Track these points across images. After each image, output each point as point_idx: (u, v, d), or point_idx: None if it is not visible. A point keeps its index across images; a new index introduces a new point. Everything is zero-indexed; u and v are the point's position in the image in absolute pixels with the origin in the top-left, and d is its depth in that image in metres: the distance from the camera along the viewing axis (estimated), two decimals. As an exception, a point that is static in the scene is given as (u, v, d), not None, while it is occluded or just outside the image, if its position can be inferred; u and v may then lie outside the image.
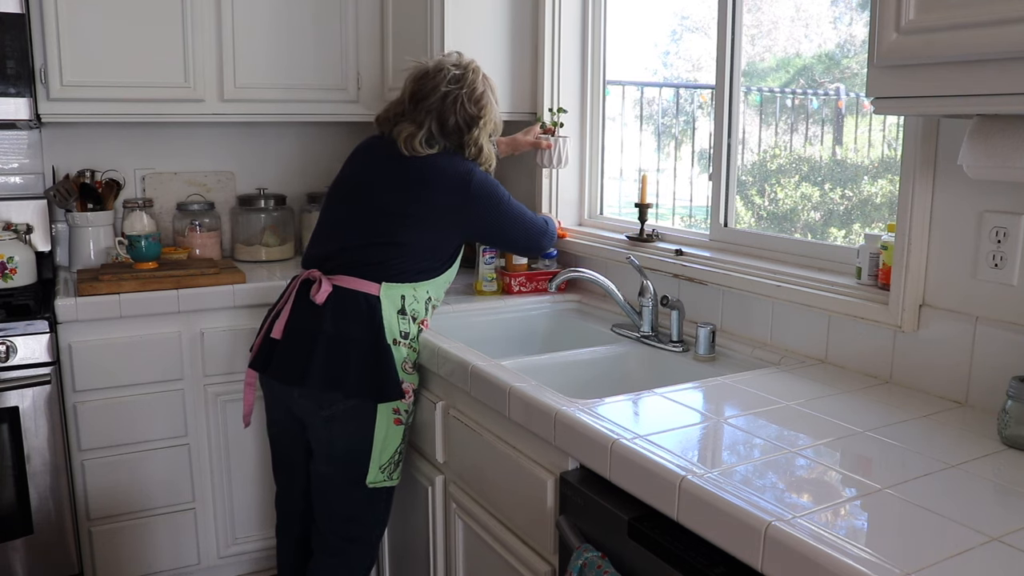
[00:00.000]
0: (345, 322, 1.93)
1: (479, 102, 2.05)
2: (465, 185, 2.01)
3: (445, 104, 2.03)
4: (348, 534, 2.04)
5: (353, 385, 1.91)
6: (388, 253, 1.97)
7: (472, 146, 2.07)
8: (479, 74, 2.08)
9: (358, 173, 2.12)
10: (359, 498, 2.00)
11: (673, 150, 3.26)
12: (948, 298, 1.57)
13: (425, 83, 2.05)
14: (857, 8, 2.17)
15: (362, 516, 2.03)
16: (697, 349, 1.96)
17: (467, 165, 2.05)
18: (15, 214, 2.70)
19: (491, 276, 2.52)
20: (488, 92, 2.09)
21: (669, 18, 2.83)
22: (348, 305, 1.93)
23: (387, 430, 1.97)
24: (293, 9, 2.78)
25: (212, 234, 2.94)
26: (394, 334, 1.95)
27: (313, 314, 1.94)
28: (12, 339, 2.23)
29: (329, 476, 2.01)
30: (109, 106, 2.58)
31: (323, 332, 1.92)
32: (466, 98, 2.03)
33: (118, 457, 2.45)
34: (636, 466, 1.28)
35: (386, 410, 1.95)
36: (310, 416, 1.98)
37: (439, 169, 2.03)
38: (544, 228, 2.20)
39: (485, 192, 2.04)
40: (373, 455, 1.97)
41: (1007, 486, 1.20)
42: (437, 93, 2.03)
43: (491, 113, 2.09)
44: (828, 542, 1.00)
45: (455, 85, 2.04)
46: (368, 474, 1.98)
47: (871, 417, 1.45)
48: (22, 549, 2.32)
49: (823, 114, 2.58)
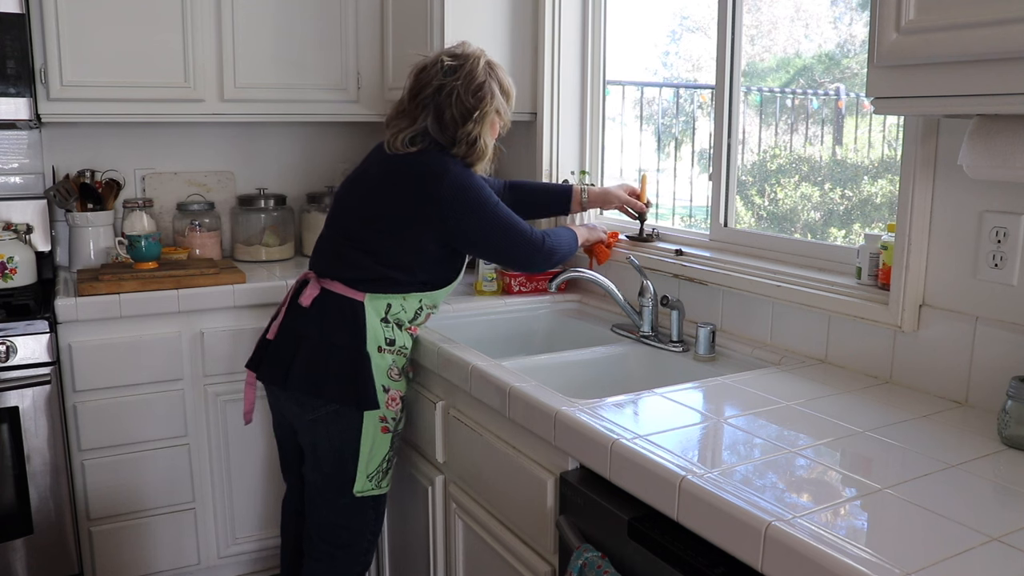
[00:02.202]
0: (330, 327, 1.90)
1: (477, 93, 1.92)
2: (436, 184, 1.88)
3: (440, 98, 1.92)
4: (336, 540, 2.01)
5: (332, 390, 1.89)
6: (366, 261, 1.92)
7: (463, 141, 1.93)
8: (479, 62, 1.94)
9: (354, 173, 2.07)
10: (345, 505, 1.97)
11: (673, 150, 3.26)
12: (948, 298, 1.57)
13: (422, 77, 1.95)
14: (857, 8, 2.17)
15: (350, 523, 2.00)
16: (697, 349, 1.96)
17: (444, 163, 1.91)
18: (15, 214, 2.70)
19: (491, 276, 2.52)
20: (490, 82, 1.95)
21: (669, 18, 2.83)
22: (333, 310, 1.91)
23: (374, 438, 1.94)
24: (293, 9, 2.78)
25: (212, 234, 2.94)
26: (378, 341, 1.91)
27: (302, 317, 1.94)
28: (12, 339, 2.23)
29: (316, 482, 1.99)
30: (109, 106, 2.58)
31: (308, 336, 1.91)
32: (462, 90, 1.91)
33: (118, 457, 2.45)
34: (636, 466, 1.28)
35: (372, 418, 1.92)
36: (297, 419, 1.98)
37: (410, 168, 1.92)
38: (538, 244, 1.99)
39: (460, 193, 1.89)
40: (360, 463, 1.94)
41: (1007, 486, 1.20)
42: (431, 87, 1.93)
43: (491, 105, 1.95)
44: (828, 542, 0.99)
45: (451, 77, 1.92)
46: (355, 482, 1.95)
47: (871, 417, 1.45)
48: (22, 549, 2.31)
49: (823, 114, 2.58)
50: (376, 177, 1.97)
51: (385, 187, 1.94)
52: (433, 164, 1.92)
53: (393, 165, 1.95)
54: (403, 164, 1.94)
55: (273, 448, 2.64)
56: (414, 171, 1.92)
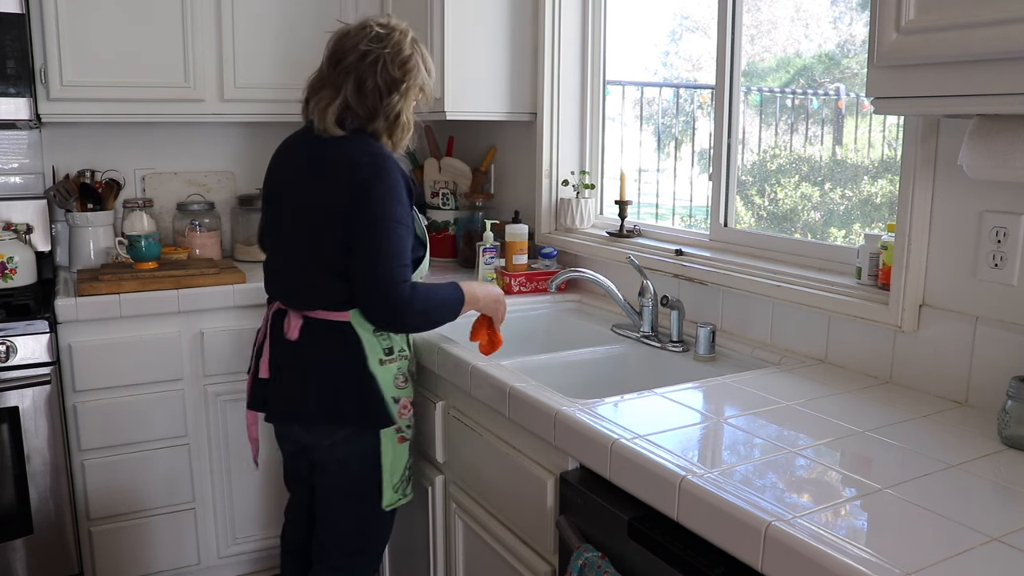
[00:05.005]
0: (326, 354, 1.83)
1: (404, 65, 1.82)
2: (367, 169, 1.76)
3: (364, 64, 1.79)
4: (351, 548, 1.98)
5: (346, 416, 1.84)
6: (339, 283, 1.80)
7: (388, 114, 1.82)
8: (407, 36, 1.85)
9: (276, 183, 1.93)
10: (366, 515, 1.94)
11: (673, 150, 3.26)
12: (948, 298, 1.57)
13: (344, 42, 1.83)
14: (857, 8, 2.17)
15: (368, 531, 1.97)
16: (697, 349, 1.96)
17: (374, 148, 1.81)
18: (15, 214, 2.70)
19: (491, 276, 2.52)
20: (417, 57, 1.85)
21: (669, 18, 2.83)
22: (324, 336, 1.83)
23: (394, 451, 1.90)
24: (293, 9, 2.78)
25: (212, 234, 2.94)
26: (378, 355, 1.85)
27: (293, 349, 1.86)
28: (12, 339, 2.23)
29: (336, 493, 1.94)
30: (109, 106, 2.58)
31: (306, 368, 1.84)
32: (389, 59, 1.80)
33: (118, 457, 2.45)
34: (636, 466, 1.28)
35: (389, 432, 1.89)
36: (313, 445, 1.93)
37: (342, 159, 1.79)
38: (407, 293, 1.75)
39: (380, 180, 1.75)
40: (384, 479, 1.89)
41: (1007, 486, 1.20)
42: (356, 52, 1.80)
43: (417, 79, 1.85)
44: (828, 542, 1.00)
45: (377, 44, 1.80)
46: (383, 498, 1.91)
47: (871, 417, 1.45)
48: (22, 549, 2.32)
49: (823, 114, 2.58)
50: (313, 179, 1.83)
51: (320, 180, 1.82)
52: (362, 151, 1.80)
53: (328, 157, 1.82)
54: (335, 155, 1.82)
55: (273, 449, 2.64)
56: (350, 160, 1.79)
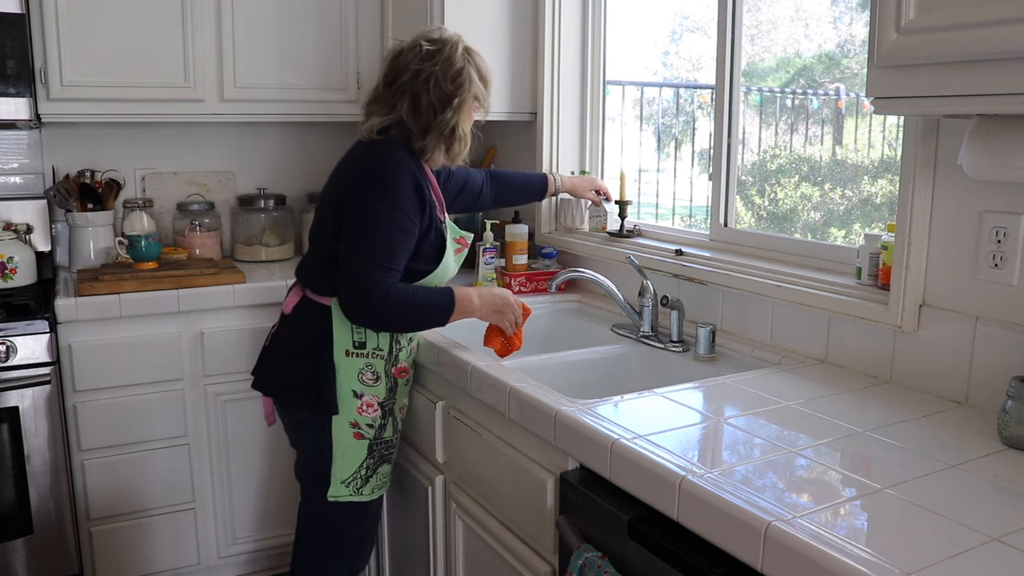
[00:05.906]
0: (298, 333, 1.94)
1: (456, 79, 1.84)
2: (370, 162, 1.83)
3: (417, 82, 1.83)
4: (318, 540, 2.01)
5: (298, 396, 1.92)
6: (327, 266, 1.87)
7: (442, 130, 1.85)
8: (458, 48, 1.86)
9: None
10: (324, 508, 1.96)
11: (673, 150, 3.26)
12: (948, 298, 1.57)
13: (398, 61, 1.88)
14: (857, 8, 2.17)
15: (332, 526, 1.99)
16: (697, 349, 1.95)
17: (388, 151, 1.85)
18: (15, 214, 2.70)
19: (491, 276, 2.52)
20: (468, 68, 1.87)
21: (669, 18, 2.83)
22: (306, 316, 1.93)
23: (346, 444, 1.91)
24: (293, 9, 2.78)
25: (212, 234, 2.94)
26: (345, 345, 1.87)
27: (282, 324, 2.00)
28: (12, 339, 2.23)
29: (301, 481, 2.04)
30: (109, 106, 2.58)
31: (283, 341, 1.97)
32: (440, 75, 1.83)
33: (118, 457, 2.45)
34: (636, 466, 1.28)
35: (341, 423, 1.90)
36: (283, 422, 2.04)
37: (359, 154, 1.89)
38: (381, 295, 1.76)
39: (379, 180, 1.80)
40: (333, 468, 1.92)
41: (1007, 486, 1.20)
42: (408, 72, 1.84)
43: (471, 91, 1.87)
44: (828, 542, 0.99)
45: (428, 62, 1.83)
46: (330, 487, 1.93)
47: (871, 417, 1.45)
48: (22, 549, 2.31)
49: (823, 114, 2.58)
50: (338, 164, 1.95)
51: (337, 171, 1.93)
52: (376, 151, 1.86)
53: (349, 154, 1.94)
54: (355, 152, 1.92)
55: (273, 449, 2.65)
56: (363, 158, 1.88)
